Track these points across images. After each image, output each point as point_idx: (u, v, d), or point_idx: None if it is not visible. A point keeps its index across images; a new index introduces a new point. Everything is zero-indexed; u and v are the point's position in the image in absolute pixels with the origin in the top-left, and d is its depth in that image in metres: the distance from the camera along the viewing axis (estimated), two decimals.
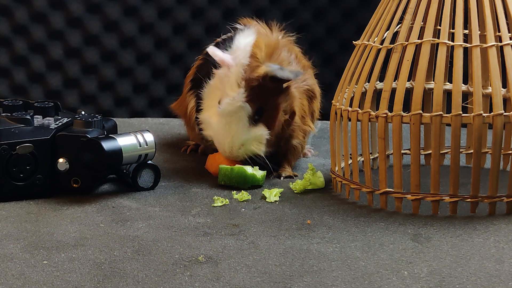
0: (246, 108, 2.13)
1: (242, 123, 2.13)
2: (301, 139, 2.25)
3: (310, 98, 2.27)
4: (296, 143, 2.24)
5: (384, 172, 1.99)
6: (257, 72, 2.11)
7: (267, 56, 2.14)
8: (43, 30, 2.95)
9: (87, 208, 2.00)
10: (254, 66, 2.13)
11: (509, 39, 1.98)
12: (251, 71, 2.12)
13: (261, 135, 2.14)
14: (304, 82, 2.25)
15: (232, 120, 2.13)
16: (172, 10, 2.99)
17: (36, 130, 2.07)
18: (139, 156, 2.08)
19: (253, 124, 2.14)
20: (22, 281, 1.60)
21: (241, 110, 2.13)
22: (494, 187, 1.94)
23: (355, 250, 1.75)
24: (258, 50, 2.14)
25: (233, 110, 2.13)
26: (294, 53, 2.27)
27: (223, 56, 2.17)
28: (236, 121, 2.13)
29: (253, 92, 2.12)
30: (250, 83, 2.12)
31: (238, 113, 2.13)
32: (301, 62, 2.28)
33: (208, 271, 1.65)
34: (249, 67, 2.13)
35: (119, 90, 3.01)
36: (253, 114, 2.13)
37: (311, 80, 2.28)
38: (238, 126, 2.13)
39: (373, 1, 2.29)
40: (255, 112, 2.13)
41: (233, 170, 2.14)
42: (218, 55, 2.17)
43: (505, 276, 1.63)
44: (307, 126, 2.26)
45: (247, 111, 2.13)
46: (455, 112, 1.92)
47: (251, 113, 2.13)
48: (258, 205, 2.03)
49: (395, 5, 2.04)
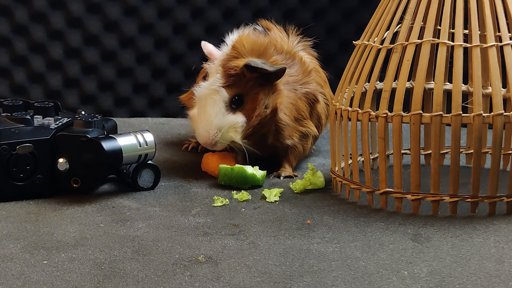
0: (221, 93, 2.15)
1: (217, 108, 2.15)
2: (296, 139, 2.24)
3: (312, 102, 2.27)
4: (291, 143, 2.24)
5: (384, 172, 1.99)
6: (235, 62, 2.15)
7: (252, 52, 2.17)
8: (43, 30, 2.95)
9: (87, 208, 2.00)
10: (232, 56, 2.17)
11: (509, 39, 1.98)
12: (229, 59, 2.17)
13: (236, 123, 2.15)
14: (303, 85, 2.25)
15: (206, 103, 2.16)
16: (172, 10, 2.99)
17: (36, 130, 2.07)
18: (139, 156, 2.08)
19: (230, 112, 2.15)
20: (22, 281, 1.60)
21: (216, 94, 2.15)
22: (494, 187, 1.94)
23: (355, 250, 1.75)
24: (239, 44, 2.19)
25: (207, 93, 2.16)
26: (297, 59, 2.28)
27: (211, 50, 2.27)
28: (210, 105, 2.15)
29: (231, 80, 2.15)
30: (227, 70, 2.16)
31: (213, 97, 2.15)
32: (303, 67, 2.28)
33: (208, 271, 1.65)
34: (228, 56, 2.18)
35: (119, 90, 3.01)
36: (230, 101, 2.15)
37: (312, 85, 2.28)
38: (212, 110, 2.15)
39: (373, 1, 2.29)
40: (232, 99, 2.15)
41: (233, 170, 2.14)
42: (207, 48, 2.28)
43: (505, 276, 1.63)
44: (305, 127, 2.26)
45: (223, 96, 2.15)
46: (455, 112, 1.92)
47: (227, 99, 2.15)
48: (258, 205, 2.03)
49: (395, 5, 2.04)
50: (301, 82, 2.25)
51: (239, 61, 2.15)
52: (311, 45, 2.39)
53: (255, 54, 2.17)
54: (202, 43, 2.30)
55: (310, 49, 2.39)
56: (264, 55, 2.19)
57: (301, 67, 2.27)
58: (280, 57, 2.23)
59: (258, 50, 2.18)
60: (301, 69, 2.27)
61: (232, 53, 2.18)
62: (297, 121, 2.24)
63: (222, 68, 2.17)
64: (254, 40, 2.21)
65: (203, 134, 2.17)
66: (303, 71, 2.27)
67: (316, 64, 2.39)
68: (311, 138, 2.30)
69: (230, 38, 2.25)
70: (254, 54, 2.17)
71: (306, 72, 2.28)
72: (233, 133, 2.15)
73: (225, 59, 2.18)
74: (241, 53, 2.17)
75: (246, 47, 2.18)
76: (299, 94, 2.24)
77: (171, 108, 3.02)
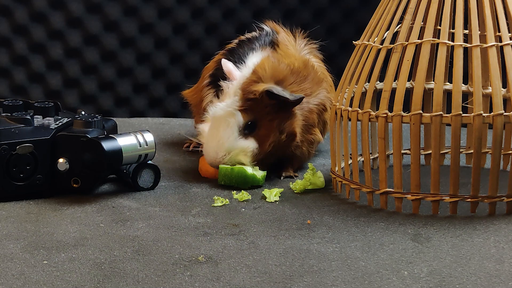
0: (236, 116, 2.13)
1: (230, 130, 2.13)
2: (304, 148, 2.24)
3: (321, 111, 2.27)
4: (299, 152, 2.24)
5: (384, 172, 1.99)
6: (255, 87, 2.12)
7: (272, 79, 2.15)
8: (43, 30, 2.95)
9: (87, 208, 2.00)
10: (253, 80, 2.14)
11: (509, 39, 1.98)
12: (249, 83, 2.14)
13: (247, 148, 2.14)
14: (315, 97, 2.24)
15: (220, 124, 2.14)
16: (172, 10, 2.99)
17: (36, 130, 2.07)
18: (139, 156, 2.08)
19: (243, 136, 2.14)
20: (22, 281, 1.60)
21: (231, 117, 2.13)
22: (494, 187, 1.94)
23: (355, 250, 1.75)
24: (260, 69, 2.15)
25: (222, 114, 2.13)
26: (310, 67, 2.26)
27: (231, 69, 2.21)
28: (224, 127, 2.13)
29: (248, 104, 2.13)
30: (246, 94, 2.13)
31: (227, 119, 2.13)
32: (316, 76, 2.26)
33: (208, 271, 1.65)
34: (248, 80, 2.14)
35: (119, 90, 3.01)
36: (244, 126, 2.13)
37: (323, 94, 2.27)
38: (225, 132, 2.13)
39: (373, 1, 2.29)
40: (246, 124, 2.13)
41: (233, 170, 2.14)
42: (227, 67, 2.22)
43: (505, 276, 1.63)
44: (314, 135, 2.25)
45: (238, 120, 2.13)
46: (455, 112, 1.92)
47: (242, 124, 2.13)
48: (258, 205, 2.03)
49: (395, 5, 2.04)
50: (314, 95, 2.24)
51: (259, 86, 2.12)
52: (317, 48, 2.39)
53: (274, 80, 2.15)
54: (223, 61, 2.24)
55: (316, 52, 2.38)
56: (284, 81, 2.16)
57: (314, 78, 2.25)
58: (293, 78, 2.19)
59: (278, 76, 2.16)
60: (313, 81, 2.25)
61: (252, 78, 2.15)
62: (307, 130, 2.23)
63: (241, 91, 2.14)
64: (275, 66, 2.18)
65: (212, 154, 2.15)
66: (316, 82, 2.25)
67: (323, 68, 2.38)
68: (316, 143, 2.30)
69: (251, 60, 2.22)
70: (273, 80, 2.15)
71: (318, 83, 2.26)
72: (242, 157, 2.14)
73: (245, 83, 2.14)
74: (261, 78, 2.14)
75: (267, 73, 2.15)
76: (311, 106, 2.23)
77: (171, 108, 3.02)
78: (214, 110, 2.15)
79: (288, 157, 2.25)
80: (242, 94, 2.14)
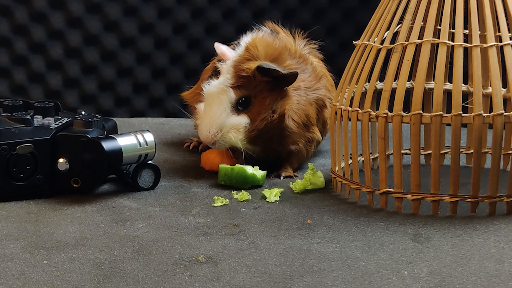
0: (229, 93, 2.15)
1: (222, 107, 2.15)
2: (301, 145, 2.24)
3: (320, 108, 2.27)
4: (295, 148, 2.23)
5: (384, 172, 1.99)
6: (247, 64, 2.14)
7: (266, 56, 2.16)
8: (43, 30, 2.95)
9: (87, 208, 2.00)
10: (245, 57, 2.16)
11: (509, 39, 1.98)
12: (241, 61, 2.16)
13: (239, 124, 2.15)
14: (314, 91, 2.25)
15: (213, 102, 2.16)
16: (172, 10, 2.99)
17: (36, 130, 2.07)
18: (139, 156, 2.08)
19: (235, 113, 2.15)
20: (22, 281, 1.60)
21: (223, 93, 2.15)
22: (494, 187, 1.94)
23: (355, 250, 1.75)
24: (252, 46, 2.17)
25: (215, 92, 2.16)
26: (309, 64, 2.27)
27: (224, 50, 2.25)
28: (216, 104, 2.16)
29: (241, 82, 2.15)
30: (238, 72, 2.15)
31: (220, 96, 2.15)
32: (315, 72, 2.27)
33: (208, 271, 1.65)
34: (241, 58, 2.17)
35: (119, 90, 3.01)
36: (236, 102, 2.15)
37: (322, 90, 2.28)
38: (217, 109, 2.15)
39: (373, 1, 2.29)
40: (239, 101, 2.15)
41: (233, 170, 2.14)
42: (220, 49, 2.26)
43: (505, 276, 1.63)
44: (312, 133, 2.25)
45: (230, 97, 2.15)
46: (455, 112, 1.92)
47: (234, 100, 2.15)
48: (258, 205, 2.03)
49: (395, 5, 2.04)
50: (313, 88, 2.25)
51: (251, 64, 2.14)
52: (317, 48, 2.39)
53: (269, 58, 2.16)
54: (215, 44, 2.29)
55: (316, 52, 2.39)
56: (278, 59, 2.17)
57: (313, 72, 2.27)
58: (293, 62, 2.22)
59: (272, 54, 2.17)
60: (313, 75, 2.26)
61: (245, 55, 2.17)
62: (305, 126, 2.23)
63: (233, 69, 2.16)
64: (268, 43, 2.20)
65: (204, 131, 2.17)
66: (315, 77, 2.26)
67: (324, 67, 2.38)
68: (315, 142, 2.30)
69: (244, 40, 2.24)
70: (268, 58, 2.16)
71: (317, 78, 2.27)
72: (234, 133, 2.15)
73: (237, 60, 2.17)
74: (254, 55, 2.16)
75: (260, 50, 2.16)
76: (309, 100, 2.23)
77: (171, 108, 3.02)
78: (207, 88, 2.18)
79: (286, 156, 2.25)
80: (234, 71, 2.16)
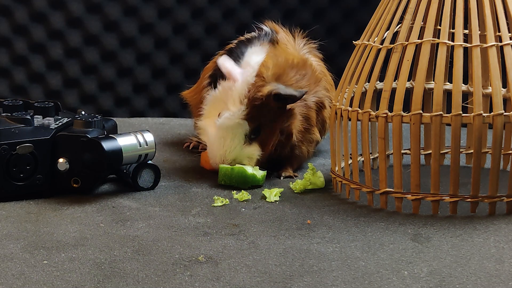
0: (243, 126, 2.13)
1: (237, 140, 2.14)
2: (303, 147, 2.24)
3: (319, 109, 2.26)
4: (297, 150, 2.24)
5: (384, 172, 1.99)
6: (261, 91, 2.11)
7: (273, 76, 2.14)
8: (43, 30, 2.95)
9: (87, 208, 2.00)
10: (259, 85, 2.13)
11: (509, 39, 1.98)
12: (256, 90, 2.12)
13: (253, 154, 2.15)
14: (313, 94, 2.24)
15: (228, 135, 2.14)
16: (172, 10, 2.99)
17: (36, 130, 2.07)
18: (139, 156, 2.08)
19: (248, 142, 2.15)
20: (22, 281, 1.60)
21: (239, 127, 2.13)
22: (494, 187, 1.94)
23: (355, 250, 1.75)
24: (265, 69, 2.14)
25: (230, 125, 2.13)
26: (308, 66, 2.25)
27: (231, 70, 2.17)
28: (231, 137, 2.14)
29: (254, 111, 2.12)
30: (252, 101, 2.12)
31: (235, 130, 2.13)
32: (314, 75, 2.25)
33: (208, 271, 1.65)
34: (254, 86, 2.13)
35: (119, 90, 3.01)
36: (250, 133, 2.14)
37: (321, 92, 2.27)
38: (232, 142, 2.14)
39: (373, 1, 2.29)
40: (252, 131, 2.14)
41: (233, 170, 2.14)
42: (226, 68, 2.18)
43: (505, 276, 1.63)
44: (311, 134, 2.25)
45: (245, 129, 2.14)
46: (455, 112, 1.92)
47: (248, 132, 2.14)
48: (258, 205, 2.03)
49: (395, 5, 2.04)
50: (312, 92, 2.23)
51: (264, 89, 2.11)
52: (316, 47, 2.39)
53: (275, 78, 2.14)
54: (220, 60, 2.20)
55: (315, 51, 2.38)
56: (283, 76, 2.15)
57: (312, 76, 2.24)
58: (293, 72, 2.18)
59: (277, 72, 2.15)
60: (312, 78, 2.24)
61: (258, 82, 2.13)
62: (306, 130, 2.23)
63: (247, 100, 2.12)
64: (276, 63, 2.17)
65: (218, 160, 2.16)
66: (314, 80, 2.24)
67: (323, 67, 2.37)
68: (315, 143, 2.30)
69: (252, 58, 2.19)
70: (274, 78, 2.14)
71: (316, 81, 2.25)
72: (247, 162, 2.15)
73: (252, 90, 2.12)
74: (266, 79, 2.13)
75: (271, 73, 2.14)
76: (309, 104, 2.22)
77: (171, 108, 3.02)
78: (221, 121, 2.14)
79: (287, 156, 2.25)
80: (248, 102, 2.12)
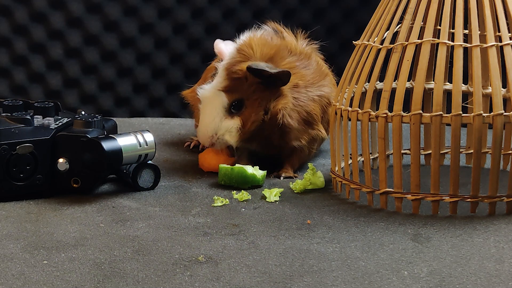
0: (221, 98, 2.15)
1: (216, 112, 2.16)
2: (303, 142, 2.23)
3: (325, 106, 2.26)
4: (298, 145, 2.23)
5: (384, 172, 1.99)
6: (239, 66, 2.14)
7: (262, 56, 2.16)
8: (43, 30, 2.95)
9: (87, 208, 2.00)
10: (238, 60, 2.16)
11: (509, 39, 1.98)
12: (234, 63, 2.16)
13: (231, 127, 2.16)
14: (318, 88, 2.24)
15: (207, 106, 2.17)
16: (172, 10, 2.99)
17: (36, 130, 2.07)
18: (139, 156, 2.08)
19: (229, 116, 2.16)
20: (22, 281, 1.60)
21: (216, 98, 2.16)
22: (494, 187, 1.94)
23: (355, 250, 1.75)
24: (247, 47, 2.17)
25: (208, 96, 2.17)
26: (313, 60, 2.26)
27: (221, 49, 2.24)
28: (210, 108, 2.17)
29: (233, 84, 2.15)
30: (231, 74, 2.15)
31: (213, 101, 2.16)
32: (320, 69, 2.26)
33: (208, 271, 1.65)
34: (233, 60, 2.17)
35: (119, 90, 3.01)
36: (229, 106, 2.15)
37: (328, 88, 2.27)
38: (211, 114, 2.16)
39: (373, 1, 2.29)
40: (232, 104, 2.15)
41: (233, 170, 2.14)
42: (218, 47, 2.26)
43: (505, 276, 1.63)
44: (315, 131, 2.25)
45: (223, 101, 2.15)
46: (455, 112, 1.92)
47: (227, 104, 2.15)
48: (258, 205, 2.03)
49: (395, 5, 2.04)
50: (316, 85, 2.23)
51: (243, 65, 2.14)
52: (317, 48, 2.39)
53: (264, 58, 2.16)
54: (216, 41, 2.28)
55: (317, 52, 2.38)
56: (275, 57, 2.17)
57: (317, 69, 2.25)
58: (293, 59, 2.21)
59: (268, 53, 2.16)
60: (318, 71, 2.25)
61: (237, 57, 2.17)
62: (307, 124, 2.22)
63: (225, 72, 2.16)
64: (264, 42, 2.19)
65: (202, 135, 2.19)
66: (320, 73, 2.25)
67: (326, 67, 2.38)
68: (319, 141, 2.30)
69: (241, 39, 2.23)
70: (263, 58, 2.15)
71: (322, 75, 2.26)
72: (228, 137, 2.16)
73: (229, 63, 2.17)
74: (248, 56, 2.16)
75: (255, 50, 2.16)
76: (312, 96, 2.22)
77: (171, 108, 3.02)
78: (201, 92, 2.19)
79: (288, 151, 2.24)
80: (226, 74, 2.16)
